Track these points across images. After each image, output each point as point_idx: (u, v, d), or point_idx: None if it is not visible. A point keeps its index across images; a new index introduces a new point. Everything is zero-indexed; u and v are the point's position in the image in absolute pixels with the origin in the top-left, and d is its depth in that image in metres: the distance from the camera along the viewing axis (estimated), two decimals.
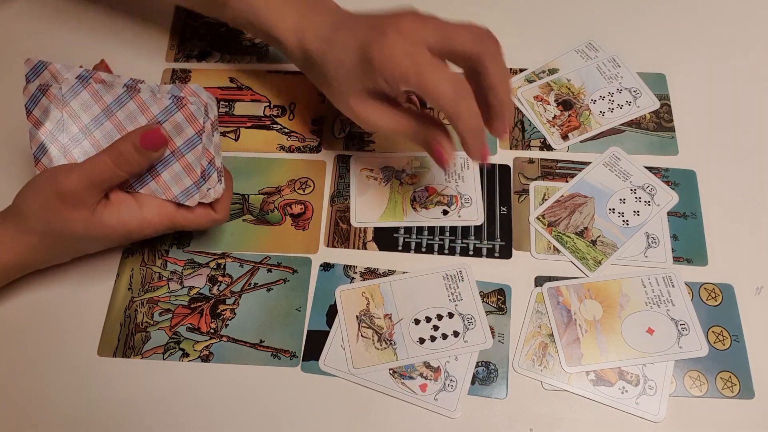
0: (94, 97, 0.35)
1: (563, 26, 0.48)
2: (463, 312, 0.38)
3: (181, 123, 0.34)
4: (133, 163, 0.34)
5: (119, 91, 0.34)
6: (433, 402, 0.36)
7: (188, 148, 0.35)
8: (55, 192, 0.33)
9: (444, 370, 0.37)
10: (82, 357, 0.38)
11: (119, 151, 0.33)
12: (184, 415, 0.36)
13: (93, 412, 0.37)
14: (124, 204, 0.35)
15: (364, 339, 0.37)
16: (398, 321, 0.38)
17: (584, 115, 0.45)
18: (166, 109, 0.34)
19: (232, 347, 0.38)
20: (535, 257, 0.40)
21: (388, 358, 0.37)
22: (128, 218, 0.35)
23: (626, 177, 0.42)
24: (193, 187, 0.35)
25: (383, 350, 0.37)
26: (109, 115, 0.35)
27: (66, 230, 0.34)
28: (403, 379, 0.37)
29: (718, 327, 0.38)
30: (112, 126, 0.35)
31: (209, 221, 0.37)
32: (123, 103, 0.34)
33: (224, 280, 0.40)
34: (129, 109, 0.34)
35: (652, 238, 0.40)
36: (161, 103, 0.34)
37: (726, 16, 0.49)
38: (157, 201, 0.36)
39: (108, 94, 0.34)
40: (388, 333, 0.37)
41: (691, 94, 0.45)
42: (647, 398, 0.36)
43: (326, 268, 0.40)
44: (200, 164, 0.35)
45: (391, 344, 0.37)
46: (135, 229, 0.35)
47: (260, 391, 0.37)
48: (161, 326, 0.39)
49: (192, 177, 0.35)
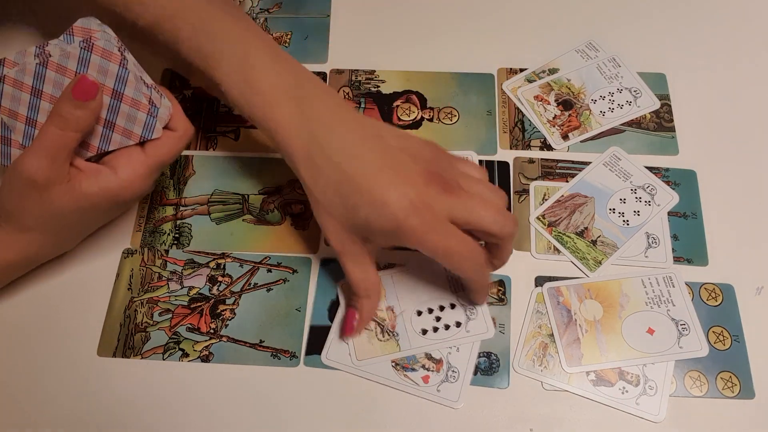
0: (16, 86, 0.33)
1: (563, 26, 0.48)
2: (465, 302, 0.38)
3: (101, 64, 0.33)
4: (79, 121, 0.33)
5: (33, 67, 0.33)
6: (436, 393, 0.36)
7: (122, 84, 0.34)
8: (23, 181, 0.33)
9: (446, 361, 0.37)
10: (82, 357, 0.38)
11: (60, 114, 0.32)
12: (183, 415, 0.36)
13: (92, 412, 0.37)
14: (100, 172, 0.35)
15: (367, 331, 0.38)
16: (400, 313, 0.38)
17: (584, 115, 0.45)
18: (81, 60, 0.33)
19: (232, 347, 0.38)
20: (535, 257, 0.40)
21: (391, 349, 0.37)
22: (107, 184, 0.34)
23: (626, 177, 0.42)
24: (149, 118, 0.35)
25: (386, 342, 0.37)
26: (39, 95, 0.34)
27: (55, 212, 0.34)
28: (405, 371, 0.37)
29: (719, 327, 0.38)
30: (47, 103, 0.34)
31: (178, 141, 0.36)
32: (42, 76, 0.33)
33: (224, 280, 0.40)
34: (51, 78, 0.33)
35: (653, 238, 0.40)
36: (74, 55, 0.33)
37: (726, 16, 0.49)
38: (126, 158, 0.35)
39: (26, 76, 0.33)
40: (390, 324, 0.38)
41: (691, 94, 0.45)
42: (647, 398, 0.36)
43: (327, 263, 0.40)
44: (142, 93, 0.34)
45: (394, 335, 0.37)
46: (120, 191, 0.35)
47: (260, 391, 0.37)
48: (161, 326, 0.39)
49: (143, 109, 0.34)
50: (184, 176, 0.44)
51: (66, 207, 0.34)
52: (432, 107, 0.46)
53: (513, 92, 0.46)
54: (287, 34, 0.49)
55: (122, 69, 0.33)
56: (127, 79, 0.34)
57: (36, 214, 0.34)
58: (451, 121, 0.45)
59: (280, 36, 0.49)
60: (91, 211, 0.35)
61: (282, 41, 0.49)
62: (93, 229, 0.39)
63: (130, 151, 0.36)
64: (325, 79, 0.47)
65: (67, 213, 0.34)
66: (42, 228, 0.35)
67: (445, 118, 0.45)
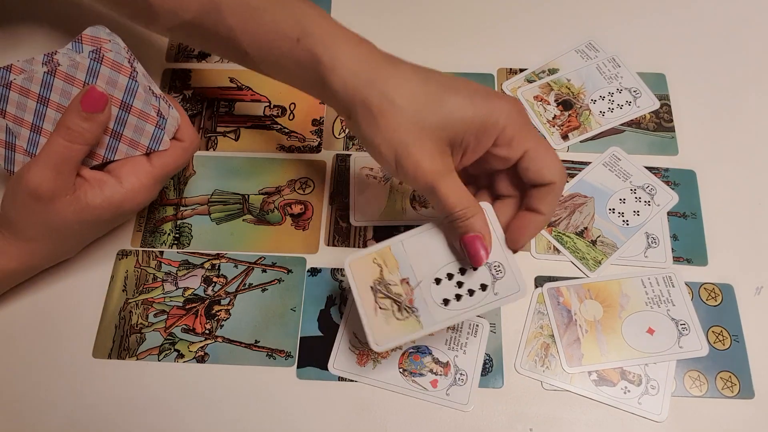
0: (22, 93, 0.33)
1: (563, 26, 0.48)
2: (489, 260, 0.32)
3: (110, 75, 0.33)
4: (85, 134, 0.33)
5: (41, 76, 0.33)
6: (445, 397, 0.36)
7: (131, 96, 0.34)
8: (27, 193, 0.33)
9: (453, 364, 0.36)
10: (77, 359, 0.37)
11: (67, 126, 0.32)
12: (180, 416, 0.36)
13: (88, 414, 0.36)
14: (105, 183, 0.34)
15: (383, 311, 0.33)
16: (417, 284, 0.33)
17: (584, 115, 0.45)
18: (90, 70, 0.33)
19: (227, 348, 0.38)
20: (535, 257, 0.40)
21: (412, 327, 0.32)
22: (111, 194, 0.34)
23: (626, 177, 0.42)
24: (157, 130, 0.35)
25: (405, 320, 0.32)
26: (46, 103, 0.34)
27: (58, 224, 0.34)
28: (413, 377, 0.36)
29: (718, 327, 0.38)
30: (54, 111, 0.34)
31: (184, 153, 0.36)
32: (50, 84, 0.33)
33: (219, 281, 0.39)
34: (59, 87, 0.33)
35: (652, 238, 0.40)
36: (83, 65, 0.33)
37: (726, 15, 0.49)
38: (131, 167, 0.35)
39: (33, 84, 0.33)
40: (407, 300, 0.33)
41: (691, 94, 0.45)
42: (650, 398, 0.36)
43: (314, 273, 0.40)
44: (151, 105, 0.34)
45: (413, 312, 0.33)
46: (123, 202, 0.35)
47: (256, 391, 0.36)
48: (156, 327, 0.38)
49: (151, 121, 0.34)
50: (184, 176, 0.43)
51: (69, 218, 0.34)
52: None
53: (513, 92, 0.46)
54: None
55: (132, 81, 0.33)
56: (137, 91, 0.33)
57: (39, 224, 0.34)
58: None
59: None
60: (94, 222, 0.35)
61: None
62: (95, 237, 0.39)
63: (136, 160, 0.35)
64: None
65: (70, 224, 0.34)
66: (44, 238, 0.35)
67: None
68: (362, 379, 0.36)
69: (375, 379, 0.36)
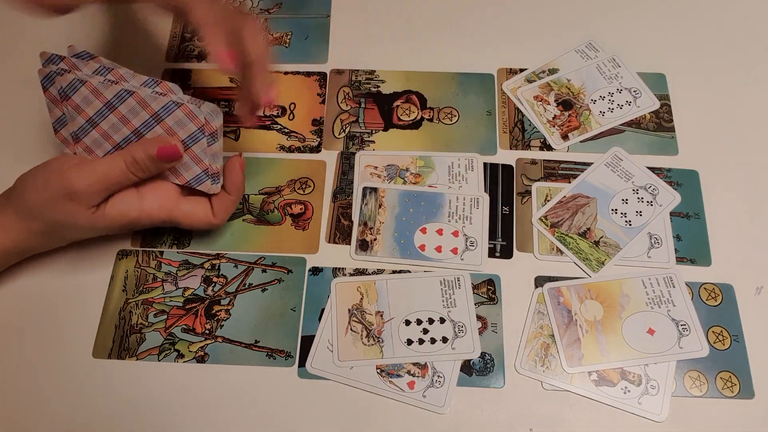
0: (94, 93, 0.35)
1: (563, 26, 0.48)
2: (455, 319, 0.38)
3: (182, 119, 0.35)
4: (145, 171, 0.35)
5: (118, 90, 0.35)
6: (422, 399, 0.36)
7: (193, 141, 0.35)
8: (64, 189, 0.34)
9: (431, 366, 0.37)
10: (77, 359, 0.37)
11: (134, 158, 0.34)
12: (179, 416, 0.36)
13: (88, 414, 0.36)
14: (126, 195, 0.36)
15: (353, 333, 0.37)
16: (389, 319, 0.38)
17: (584, 115, 0.45)
18: (166, 107, 0.35)
19: (227, 348, 0.38)
20: (538, 258, 0.40)
21: (374, 354, 0.37)
22: (128, 209, 0.36)
23: (628, 177, 0.42)
24: (203, 174, 0.36)
25: (370, 347, 0.37)
26: (112, 110, 0.35)
27: (69, 223, 0.35)
28: (390, 378, 0.36)
29: (718, 327, 0.38)
30: (116, 118, 0.35)
31: (207, 224, 0.37)
32: (123, 99, 0.35)
33: (219, 281, 0.39)
34: (130, 105, 0.35)
35: (655, 239, 0.40)
36: (161, 101, 0.34)
37: (726, 16, 0.49)
38: (159, 194, 0.36)
39: (107, 90, 0.35)
40: (377, 330, 0.37)
41: (691, 94, 0.45)
42: (650, 398, 0.36)
43: (315, 272, 0.40)
44: (207, 156, 0.36)
45: (379, 342, 0.37)
46: (134, 220, 0.36)
47: (255, 391, 0.36)
48: (156, 327, 0.38)
49: (201, 166, 0.36)
50: None
51: (80, 223, 0.35)
52: (432, 107, 0.45)
53: (513, 92, 0.46)
54: (287, 34, 0.49)
55: (198, 132, 0.35)
56: (199, 140, 0.35)
57: (54, 217, 0.35)
58: (451, 121, 0.45)
59: (280, 36, 0.49)
60: (102, 228, 0.36)
61: (282, 41, 0.49)
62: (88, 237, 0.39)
63: (168, 188, 0.37)
64: (326, 80, 0.47)
65: (78, 227, 0.35)
66: (46, 226, 0.35)
67: (445, 118, 0.45)
68: (338, 378, 0.36)
69: (350, 378, 0.36)
